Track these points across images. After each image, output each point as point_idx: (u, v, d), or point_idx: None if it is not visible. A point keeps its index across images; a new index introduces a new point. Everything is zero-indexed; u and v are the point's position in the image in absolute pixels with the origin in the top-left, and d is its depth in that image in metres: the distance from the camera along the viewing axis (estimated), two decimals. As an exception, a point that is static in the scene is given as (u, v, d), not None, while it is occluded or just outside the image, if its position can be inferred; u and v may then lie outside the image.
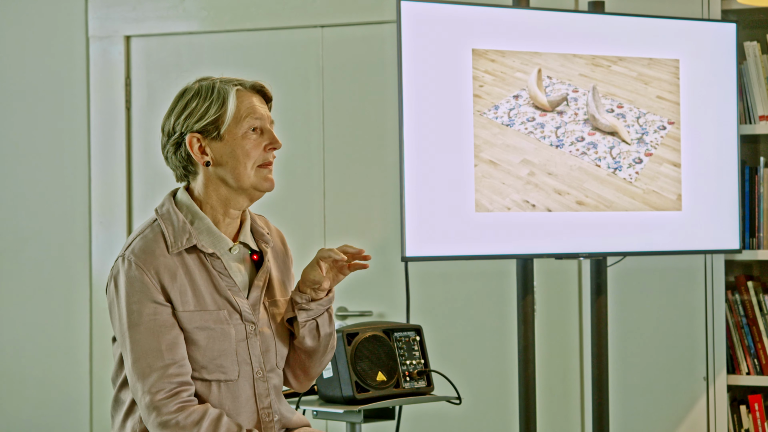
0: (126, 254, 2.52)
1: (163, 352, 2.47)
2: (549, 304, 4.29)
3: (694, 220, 3.91)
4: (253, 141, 2.56)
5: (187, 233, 2.54)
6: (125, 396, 2.57)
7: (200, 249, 2.55)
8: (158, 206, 2.60)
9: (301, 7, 4.51)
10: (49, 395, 4.73)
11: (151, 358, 2.47)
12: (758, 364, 4.05)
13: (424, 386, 3.38)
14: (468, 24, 3.70)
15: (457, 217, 3.66)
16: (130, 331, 2.48)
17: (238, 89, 2.56)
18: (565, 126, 3.80)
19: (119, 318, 2.50)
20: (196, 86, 2.57)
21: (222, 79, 2.57)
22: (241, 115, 2.54)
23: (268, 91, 2.62)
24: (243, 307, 2.57)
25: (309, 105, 4.53)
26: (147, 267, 2.49)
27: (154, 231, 2.55)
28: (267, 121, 2.58)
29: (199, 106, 2.54)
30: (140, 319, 2.48)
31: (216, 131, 2.54)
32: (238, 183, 2.56)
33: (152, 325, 2.48)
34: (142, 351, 2.47)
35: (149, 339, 2.47)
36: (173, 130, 2.56)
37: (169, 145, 2.57)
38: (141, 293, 2.48)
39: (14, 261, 4.77)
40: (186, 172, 2.59)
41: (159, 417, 2.46)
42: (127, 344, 2.48)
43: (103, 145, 4.68)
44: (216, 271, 2.56)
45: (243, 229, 2.64)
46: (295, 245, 4.40)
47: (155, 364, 2.47)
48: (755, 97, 4.07)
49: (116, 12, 4.67)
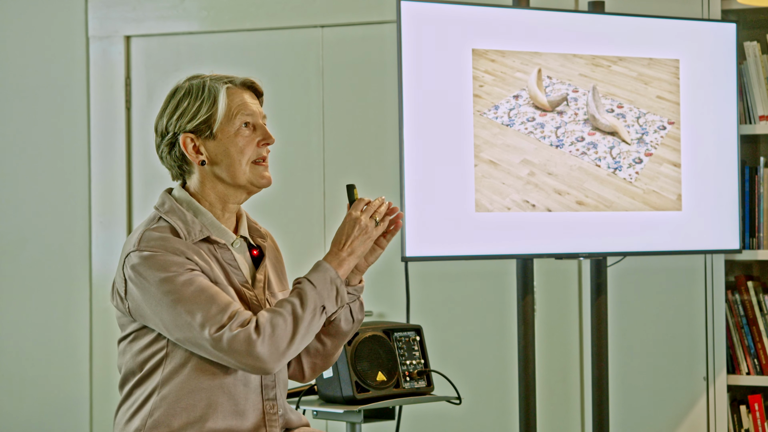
0: (140, 246, 2.49)
1: (228, 299, 2.46)
2: (549, 304, 4.29)
3: (694, 220, 3.91)
4: (246, 137, 2.56)
5: (198, 226, 2.55)
6: (146, 388, 2.54)
7: (212, 240, 2.56)
8: (158, 205, 2.60)
9: (301, 7, 4.51)
10: (49, 395, 4.73)
11: (215, 305, 2.44)
12: (758, 364, 4.05)
13: (424, 386, 3.38)
14: (468, 24, 3.70)
15: (457, 217, 3.66)
16: (185, 298, 2.44)
17: (229, 87, 2.57)
18: (565, 126, 3.80)
19: (163, 297, 2.46)
20: (186, 85, 2.58)
21: (212, 77, 2.58)
22: (233, 112, 2.55)
23: (259, 87, 2.63)
24: (251, 299, 2.59)
25: (309, 105, 4.53)
26: (167, 249, 2.48)
27: (161, 226, 2.54)
28: (259, 117, 2.59)
29: (190, 106, 2.55)
30: (188, 284, 2.45)
31: (209, 130, 2.55)
32: (234, 180, 2.57)
33: (203, 283, 2.46)
34: (212, 306, 2.44)
35: (208, 295, 2.45)
36: (166, 130, 2.57)
37: (163, 146, 2.58)
38: (175, 265, 2.46)
39: (14, 261, 4.77)
40: (181, 171, 2.60)
41: (252, 343, 2.43)
42: (190, 310, 2.44)
43: (103, 145, 4.68)
44: (226, 262, 2.57)
45: (241, 223, 2.65)
46: (295, 245, 4.41)
47: (229, 310, 2.44)
48: (755, 97, 4.07)
49: (116, 12, 4.67)
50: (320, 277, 2.54)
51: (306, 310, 2.49)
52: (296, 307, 2.49)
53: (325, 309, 2.53)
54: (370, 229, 2.60)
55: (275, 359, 2.46)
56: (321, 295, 2.52)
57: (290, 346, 2.47)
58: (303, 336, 2.49)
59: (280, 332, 2.45)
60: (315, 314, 2.51)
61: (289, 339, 2.47)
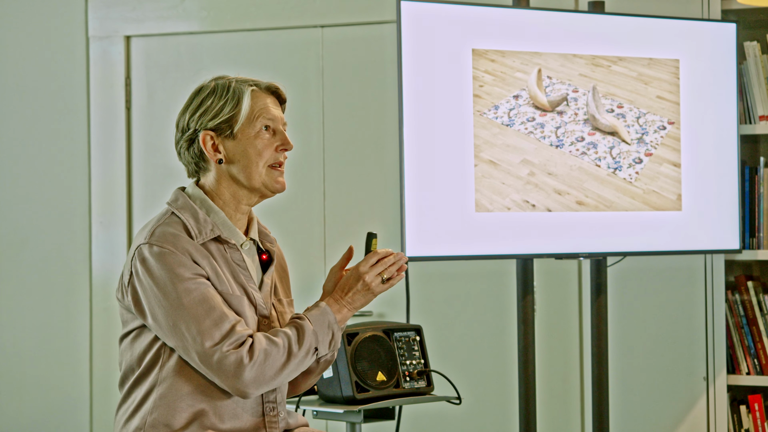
0: (152, 240, 2.50)
1: (227, 314, 2.48)
2: (549, 304, 4.29)
3: (694, 220, 3.91)
4: (266, 141, 2.58)
5: (209, 224, 2.56)
6: (142, 388, 2.55)
7: (223, 240, 2.57)
8: (170, 201, 2.61)
9: (301, 7, 4.51)
10: (49, 395, 4.73)
11: (210, 318, 2.46)
12: (758, 364, 4.05)
13: (424, 386, 3.38)
14: (468, 24, 3.70)
15: (457, 217, 3.66)
16: (184, 306, 2.46)
17: (253, 89, 2.59)
18: (565, 126, 3.80)
19: (164, 299, 2.47)
20: (212, 84, 2.60)
21: (238, 79, 2.60)
22: (255, 115, 2.57)
23: (283, 93, 2.66)
24: (258, 301, 2.60)
25: (309, 105, 4.53)
26: (178, 248, 2.49)
27: (173, 221, 2.55)
28: (280, 123, 2.61)
29: (214, 104, 2.57)
30: (190, 292, 2.46)
31: (229, 129, 2.57)
32: (249, 182, 2.58)
33: (206, 294, 2.47)
34: (207, 320, 2.45)
35: (207, 307, 2.46)
36: (187, 126, 2.59)
37: (183, 141, 2.60)
38: (182, 268, 2.47)
39: (14, 261, 4.77)
40: (198, 168, 2.62)
41: (243, 369, 2.46)
42: (187, 319, 2.46)
43: (103, 145, 4.68)
44: (235, 263, 2.58)
45: (252, 226, 2.67)
46: (296, 246, 4.41)
47: (224, 327, 2.46)
48: (755, 97, 4.07)
49: (116, 12, 4.67)
50: (320, 319, 2.57)
51: (302, 348, 2.52)
52: (293, 342, 2.52)
53: (318, 351, 2.56)
54: (374, 286, 2.61)
55: (258, 386, 2.49)
56: (317, 336, 2.55)
57: (276, 377, 2.51)
58: (291, 371, 2.53)
59: (271, 362, 2.48)
60: (308, 354, 2.54)
61: (277, 370, 2.50)
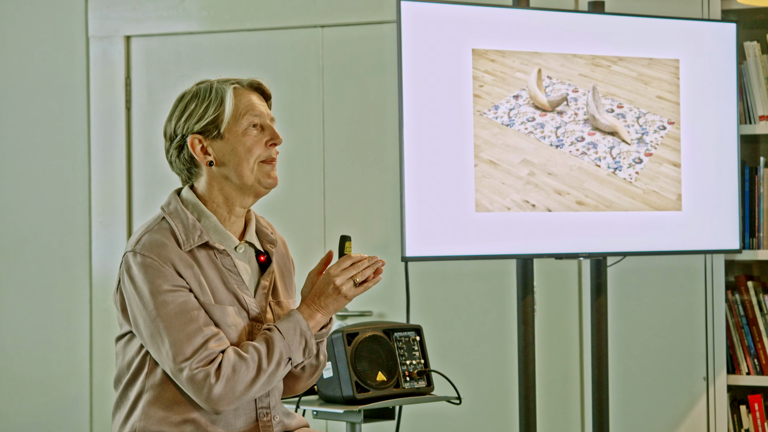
0: (137, 249, 2.51)
1: (202, 328, 2.48)
2: (549, 304, 4.29)
3: (694, 220, 3.91)
4: (254, 137, 2.58)
5: (198, 230, 2.55)
6: (131, 393, 2.56)
7: (211, 245, 2.56)
8: (164, 204, 2.61)
9: (301, 7, 4.51)
10: (49, 395, 4.73)
11: (184, 332, 2.46)
12: (758, 364, 4.05)
13: (424, 386, 3.38)
14: (468, 24, 3.70)
15: (457, 217, 3.66)
16: (160, 318, 2.47)
17: (236, 87, 2.59)
18: (565, 126, 3.80)
19: (143, 309, 2.49)
20: (193, 89, 2.60)
21: (219, 80, 2.60)
22: (240, 112, 2.57)
23: (266, 88, 2.65)
24: (250, 306, 2.59)
25: (309, 105, 4.53)
26: (161, 258, 2.49)
27: (163, 227, 2.55)
28: (267, 118, 2.60)
29: (197, 108, 2.57)
30: (167, 305, 2.47)
31: (216, 130, 2.56)
32: (241, 180, 2.57)
33: (183, 307, 2.48)
34: (180, 334, 2.46)
35: (183, 321, 2.47)
36: (174, 133, 2.59)
37: (172, 149, 2.60)
38: (162, 280, 2.48)
39: (14, 261, 4.77)
40: (190, 175, 2.61)
41: (209, 388, 2.46)
42: (162, 332, 2.47)
43: (103, 145, 4.68)
44: (225, 268, 2.58)
45: (248, 228, 2.66)
46: (296, 246, 4.40)
47: (197, 342, 2.47)
48: (755, 97, 4.07)
49: (116, 12, 4.67)
50: (290, 328, 2.55)
51: (271, 362, 2.52)
52: (262, 357, 2.51)
53: (291, 360, 2.55)
54: (345, 289, 2.58)
55: (228, 402, 2.49)
56: (289, 346, 2.54)
57: (247, 392, 2.50)
58: (264, 384, 2.52)
59: (239, 377, 2.48)
60: (280, 365, 2.53)
61: (247, 386, 2.49)
